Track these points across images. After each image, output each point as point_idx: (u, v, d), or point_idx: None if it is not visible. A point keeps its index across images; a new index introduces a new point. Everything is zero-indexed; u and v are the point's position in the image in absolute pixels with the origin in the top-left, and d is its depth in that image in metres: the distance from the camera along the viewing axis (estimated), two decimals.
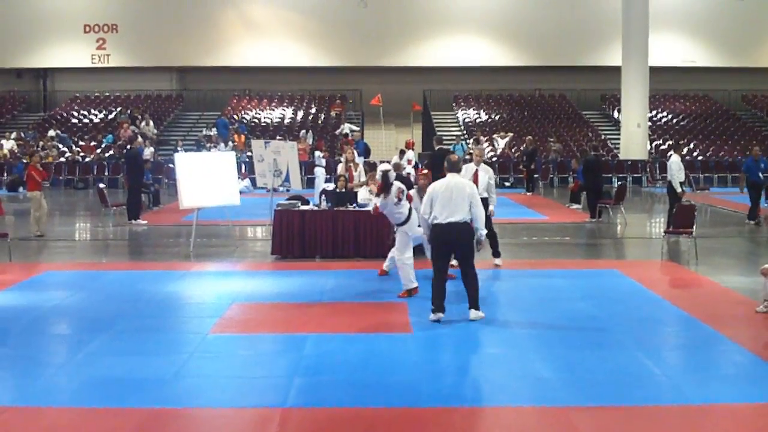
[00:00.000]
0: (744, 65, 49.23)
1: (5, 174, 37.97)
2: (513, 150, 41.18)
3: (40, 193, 20.96)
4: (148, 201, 27.32)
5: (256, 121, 46.61)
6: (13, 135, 42.77)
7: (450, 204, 11.85)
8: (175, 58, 49.32)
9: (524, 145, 37.15)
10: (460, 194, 11.93)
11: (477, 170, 16.22)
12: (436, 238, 12.03)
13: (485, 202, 15.86)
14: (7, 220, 20.80)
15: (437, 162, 21.69)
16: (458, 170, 12.48)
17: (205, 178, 19.04)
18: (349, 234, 17.36)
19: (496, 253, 16.56)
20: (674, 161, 20.90)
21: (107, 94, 50.16)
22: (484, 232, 12.20)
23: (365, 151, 35.31)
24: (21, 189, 26.86)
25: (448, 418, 8.16)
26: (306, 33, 48.77)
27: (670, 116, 48.17)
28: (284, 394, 8.79)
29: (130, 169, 24.61)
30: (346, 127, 42.67)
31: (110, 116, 47.27)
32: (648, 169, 38.13)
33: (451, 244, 12.04)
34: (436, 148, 22.84)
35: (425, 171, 16.32)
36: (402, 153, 34.13)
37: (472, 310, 11.99)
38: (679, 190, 20.51)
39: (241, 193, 21.92)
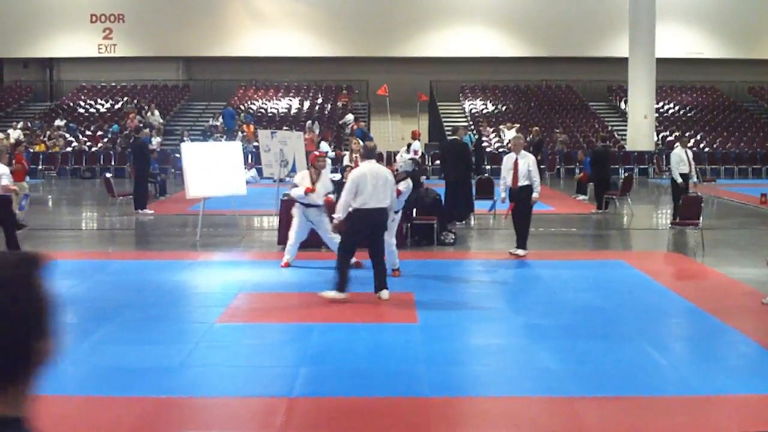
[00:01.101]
0: (751, 57, 49.11)
1: (12, 163, 37.96)
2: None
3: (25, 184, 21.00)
4: (155, 191, 27.34)
5: (263, 111, 46.60)
6: (20, 125, 42.79)
7: (376, 191, 12.25)
8: (181, 48, 49.31)
9: (530, 136, 37.11)
10: (384, 181, 12.40)
11: (516, 158, 16.23)
12: (361, 222, 12.37)
13: (527, 189, 15.96)
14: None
15: (447, 154, 21.76)
16: (374, 157, 12.99)
17: (212, 168, 19.04)
18: None
19: (521, 243, 16.50)
20: (674, 153, 21.04)
21: (113, 83, 50.15)
22: (396, 217, 13.29)
23: (363, 138, 35.27)
24: (28, 178, 26.85)
25: (453, 408, 8.17)
26: (312, 23, 48.74)
27: (676, 107, 48.07)
28: (290, 383, 8.79)
29: (136, 158, 24.63)
30: (350, 118, 42.75)
31: (117, 106, 47.29)
32: (654, 161, 38.06)
33: (372, 228, 12.46)
34: (451, 138, 22.89)
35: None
36: (409, 146, 34.18)
37: (384, 291, 12.45)
38: (679, 181, 20.57)
39: (247, 183, 21.91)
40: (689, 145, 21.58)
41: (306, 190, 14.50)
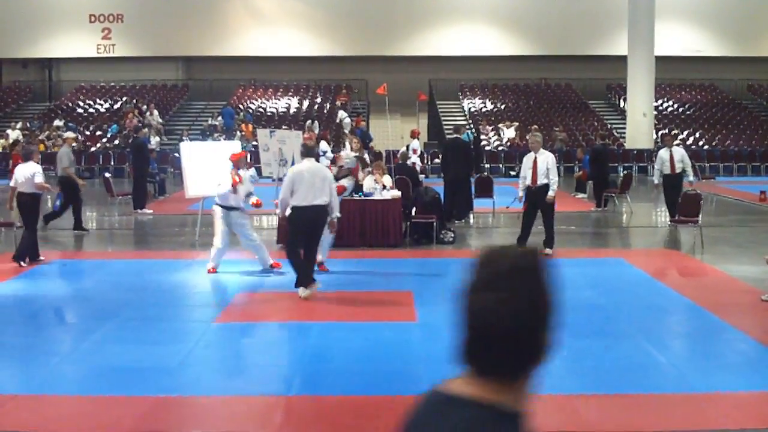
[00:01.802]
0: (750, 54, 49.12)
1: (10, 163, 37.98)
2: (522, 140, 41.12)
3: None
4: (154, 190, 27.35)
5: (262, 110, 46.61)
6: (19, 125, 42.81)
7: (313, 188, 12.28)
8: (180, 48, 49.32)
9: (529, 135, 37.09)
10: (321, 179, 12.42)
11: (536, 157, 16.25)
12: (298, 220, 12.42)
13: (546, 188, 15.97)
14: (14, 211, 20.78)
15: (448, 152, 21.75)
16: (313, 155, 13.03)
17: (211, 167, 19.02)
18: (355, 223, 17.34)
19: (548, 242, 16.51)
20: (658, 155, 20.86)
21: (112, 83, 50.17)
22: (338, 214, 13.03)
23: (363, 138, 35.25)
24: None
25: None
26: (311, 22, 48.75)
27: (675, 105, 48.09)
28: (289, 382, 8.81)
29: (135, 158, 24.64)
30: (342, 115, 42.82)
31: (116, 106, 47.30)
32: (654, 159, 38.03)
33: (310, 225, 12.45)
34: (453, 137, 22.86)
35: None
36: (408, 145, 34.12)
37: (301, 288, 12.44)
38: (656, 182, 20.57)
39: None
40: (676, 142, 21.30)
41: (233, 183, 14.47)
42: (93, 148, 40.86)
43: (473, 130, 38.78)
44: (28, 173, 15.53)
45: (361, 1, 48.02)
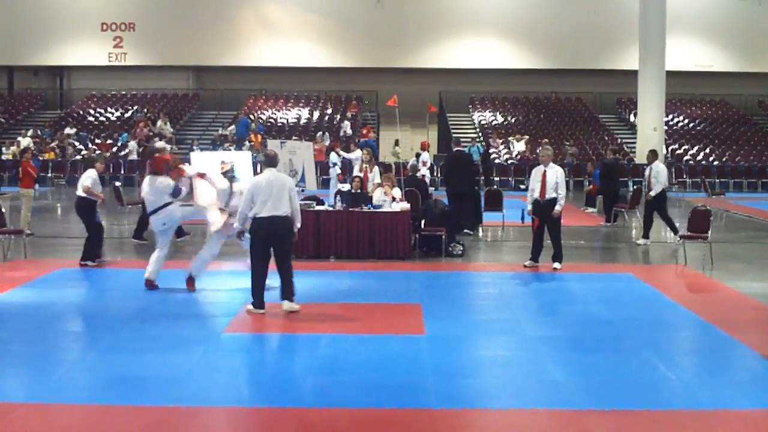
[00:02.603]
0: (761, 70, 49.11)
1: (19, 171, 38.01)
2: (533, 154, 41.11)
3: (34, 190, 21.21)
4: None
5: (272, 121, 46.68)
6: (30, 132, 42.90)
7: (272, 198, 12.08)
8: (191, 57, 49.45)
9: (540, 148, 37.07)
10: (281, 189, 12.20)
11: (545, 171, 16.27)
12: (259, 231, 12.23)
13: (553, 201, 15.98)
14: (22, 218, 20.82)
15: (453, 165, 21.75)
16: (275, 165, 12.69)
17: (221, 176, 19.02)
18: (364, 235, 17.35)
19: (556, 257, 16.52)
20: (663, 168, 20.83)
21: (124, 92, 50.32)
22: (299, 225, 12.68)
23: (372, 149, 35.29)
24: (37, 186, 26.85)
25: (460, 420, 8.16)
26: (322, 33, 48.84)
27: (686, 120, 48.07)
28: (298, 393, 8.80)
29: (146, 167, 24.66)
30: (346, 125, 42.96)
31: (126, 114, 47.42)
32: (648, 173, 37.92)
33: (272, 237, 12.23)
34: (454, 149, 22.85)
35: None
36: (417, 155, 34.16)
37: (286, 302, 12.28)
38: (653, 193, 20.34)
39: None
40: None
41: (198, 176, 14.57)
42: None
43: (483, 143, 38.86)
44: (82, 178, 16.77)
45: (372, 12, 48.10)
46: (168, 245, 14.31)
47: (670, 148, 43.31)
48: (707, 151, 43.33)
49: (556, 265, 16.29)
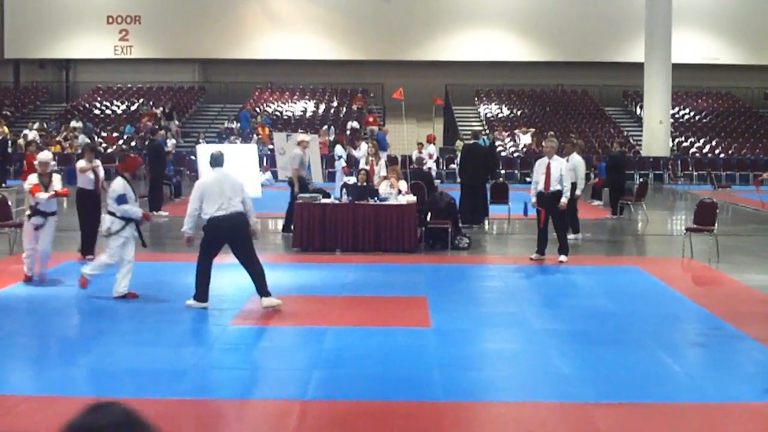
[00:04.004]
0: (767, 63, 48.93)
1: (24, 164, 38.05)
2: (539, 146, 41.06)
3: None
4: (170, 192, 27.37)
5: (278, 114, 46.67)
6: (36, 125, 42.92)
7: (222, 197, 11.90)
8: (197, 50, 49.43)
9: (545, 140, 37.04)
10: (231, 187, 12.02)
11: (549, 163, 16.26)
12: (213, 231, 12.02)
13: (559, 194, 15.96)
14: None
15: (468, 157, 21.77)
16: (221, 164, 12.43)
17: (227, 169, 19.06)
18: (370, 228, 17.35)
19: (562, 249, 16.49)
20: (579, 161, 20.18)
21: (129, 85, 50.32)
22: (257, 221, 12.46)
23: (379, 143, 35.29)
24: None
25: (466, 412, 8.17)
26: (328, 26, 48.81)
27: (692, 113, 47.98)
28: (303, 386, 8.81)
29: (152, 160, 24.67)
30: (354, 125, 43.03)
31: (132, 107, 47.44)
32: (670, 166, 37.98)
33: (227, 236, 12.11)
34: (471, 142, 22.89)
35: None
36: (421, 146, 34.15)
37: (265, 298, 12.03)
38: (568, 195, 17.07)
39: (262, 185, 21.91)
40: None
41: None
42: (109, 150, 40.95)
43: (488, 136, 38.83)
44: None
45: (378, 5, 48.05)
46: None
47: (676, 141, 43.26)
48: (713, 143, 43.26)
49: (563, 257, 16.27)
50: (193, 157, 30.32)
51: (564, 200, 16.21)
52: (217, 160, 12.45)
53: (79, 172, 16.41)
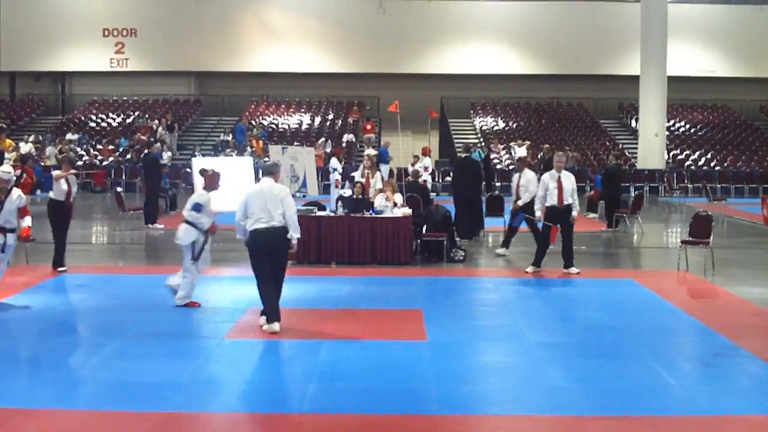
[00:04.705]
0: (762, 75, 49.16)
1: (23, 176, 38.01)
2: (534, 159, 41.09)
3: (35, 196, 21.26)
4: (166, 205, 27.37)
5: (274, 126, 46.73)
6: (32, 138, 42.92)
7: (263, 210, 11.66)
8: (193, 63, 49.51)
9: (541, 154, 37.13)
10: (272, 199, 11.71)
11: (560, 177, 16.26)
12: (253, 244, 11.79)
13: (569, 208, 16.02)
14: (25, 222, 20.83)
15: (462, 171, 21.78)
16: (270, 174, 12.15)
17: (223, 182, 19.05)
18: (366, 240, 17.35)
19: (571, 261, 16.58)
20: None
21: (125, 98, 50.36)
22: (297, 235, 11.89)
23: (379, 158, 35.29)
24: (38, 191, 26.90)
25: (461, 426, 8.16)
26: (324, 39, 48.91)
27: (687, 126, 48.10)
28: (299, 399, 8.80)
29: (147, 173, 24.69)
30: (350, 138, 43.24)
31: (128, 120, 47.46)
32: (665, 179, 38.02)
33: (266, 250, 11.76)
34: (462, 156, 22.92)
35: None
36: (416, 159, 34.19)
37: (276, 323, 11.63)
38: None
39: None
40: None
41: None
42: (105, 163, 40.97)
43: (484, 149, 38.88)
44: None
45: (373, 18, 48.13)
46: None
47: (671, 154, 43.33)
48: (709, 156, 43.36)
49: (574, 269, 16.30)
50: (188, 170, 30.30)
51: (575, 213, 16.30)
52: (268, 170, 12.23)
53: (54, 180, 16.40)
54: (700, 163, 42.64)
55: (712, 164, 42.39)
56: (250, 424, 8.25)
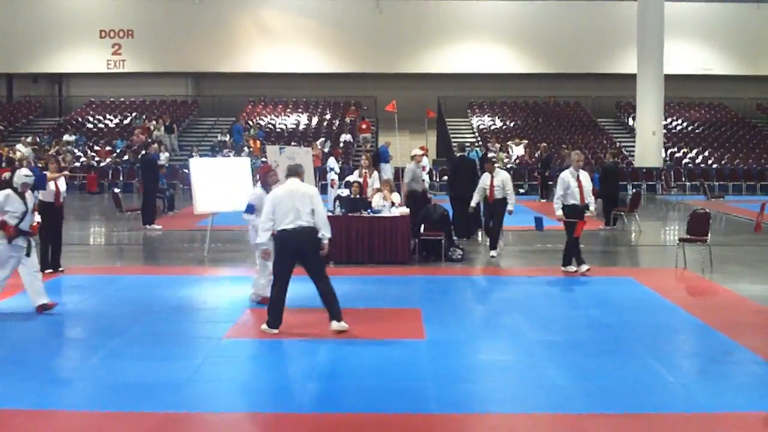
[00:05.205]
0: (759, 73, 49.21)
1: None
2: (531, 158, 41.10)
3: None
4: (163, 206, 27.37)
5: (271, 127, 46.71)
6: (29, 139, 42.91)
7: (292, 210, 11.48)
8: (190, 64, 49.49)
9: (539, 152, 37.14)
10: (301, 198, 11.55)
11: (578, 175, 16.27)
12: (280, 244, 11.61)
13: (587, 206, 16.06)
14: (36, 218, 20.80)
15: (458, 170, 21.78)
16: (296, 175, 11.98)
17: (220, 183, 19.08)
18: (363, 240, 17.34)
19: (579, 261, 16.55)
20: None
21: (122, 99, 50.36)
22: (329, 235, 11.72)
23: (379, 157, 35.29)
24: (36, 193, 26.88)
25: (460, 424, 8.16)
26: (321, 39, 48.90)
27: (684, 124, 48.12)
28: (298, 399, 8.80)
29: (145, 174, 24.69)
30: (347, 138, 43.25)
31: (126, 121, 47.45)
32: (663, 177, 38.03)
33: (294, 251, 11.57)
34: (458, 155, 22.92)
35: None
36: (413, 158, 34.15)
37: (334, 322, 11.55)
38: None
39: None
40: (498, 165, 19.27)
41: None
42: (102, 164, 40.96)
43: (481, 148, 38.89)
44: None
45: (370, 18, 48.13)
46: None
47: (669, 151, 43.34)
48: (706, 154, 43.38)
49: (585, 267, 16.29)
50: (186, 171, 30.30)
51: (593, 208, 16.57)
52: (293, 170, 12.03)
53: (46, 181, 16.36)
54: (698, 160, 42.65)
55: (710, 162, 42.40)
56: (249, 424, 8.24)
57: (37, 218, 13.37)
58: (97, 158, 41.70)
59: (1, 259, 12.73)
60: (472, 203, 18.90)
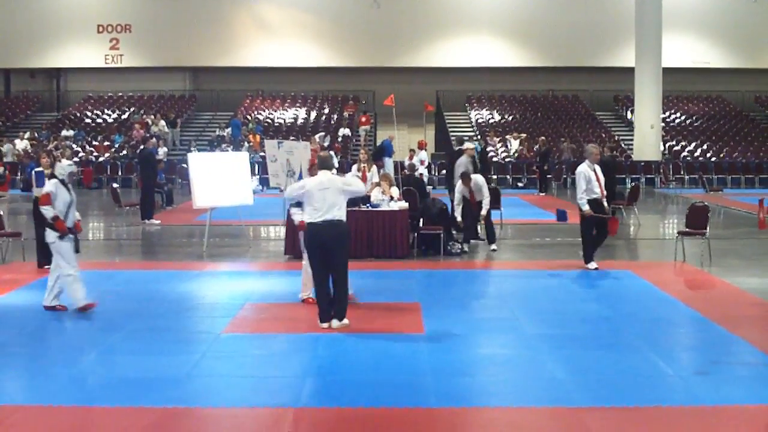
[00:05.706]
0: (757, 66, 49.13)
1: (19, 173, 37.95)
2: (530, 151, 41.08)
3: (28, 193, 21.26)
4: (162, 201, 27.36)
5: (269, 121, 46.68)
6: (27, 135, 42.90)
7: (323, 203, 11.43)
8: (188, 59, 49.43)
9: (537, 146, 37.14)
10: (333, 192, 11.50)
11: (594, 168, 16.21)
12: (309, 237, 11.61)
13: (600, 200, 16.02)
14: (20, 220, 20.83)
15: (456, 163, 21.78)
16: (330, 167, 11.95)
17: (219, 177, 19.07)
18: (362, 234, 17.32)
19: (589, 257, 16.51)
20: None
21: (120, 94, 50.32)
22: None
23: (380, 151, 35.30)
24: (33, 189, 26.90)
25: (459, 418, 8.16)
26: (319, 33, 48.85)
27: (683, 117, 48.08)
28: (297, 393, 8.80)
29: (143, 169, 24.67)
30: (346, 132, 43.25)
31: (123, 116, 47.43)
32: (661, 170, 38.02)
33: (320, 244, 11.49)
34: (456, 149, 22.88)
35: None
36: (412, 153, 34.25)
37: (335, 321, 11.51)
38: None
39: (253, 193, 21.90)
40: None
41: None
42: (101, 159, 40.93)
43: (480, 142, 38.88)
44: None
45: (368, 12, 48.05)
46: None
47: (667, 145, 43.33)
48: (704, 147, 43.35)
49: (593, 264, 16.25)
50: (184, 165, 30.28)
51: (606, 204, 16.51)
52: (325, 163, 11.95)
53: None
54: (696, 154, 42.64)
55: (708, 155, 42.38)
56: (248, 419, 8.24)
57: (77, 215, 13.31)
58: (95, 153, 41.66)
59: (67, 254, 12.66)
60: (458, 217, 18.48)
